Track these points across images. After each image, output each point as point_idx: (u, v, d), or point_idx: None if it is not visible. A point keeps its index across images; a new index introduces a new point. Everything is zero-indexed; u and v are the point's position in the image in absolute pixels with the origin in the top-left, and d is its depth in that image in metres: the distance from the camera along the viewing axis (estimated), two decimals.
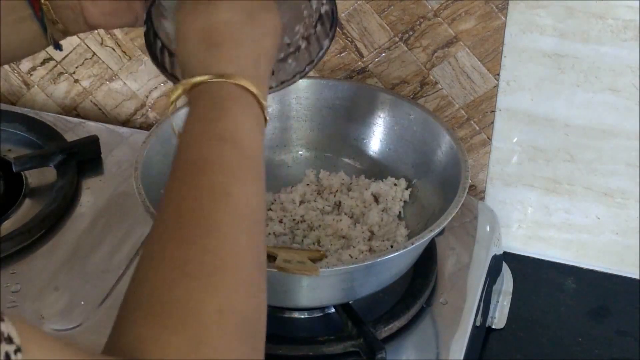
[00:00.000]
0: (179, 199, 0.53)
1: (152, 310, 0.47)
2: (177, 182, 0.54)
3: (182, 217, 0.51)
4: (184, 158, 0.56)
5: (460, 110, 1.04)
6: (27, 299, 0.89)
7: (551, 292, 1.06)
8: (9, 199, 1.02)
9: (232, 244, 0.51)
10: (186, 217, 0.51)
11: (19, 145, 1.10)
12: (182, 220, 0.51)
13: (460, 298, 0.90)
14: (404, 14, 1.00)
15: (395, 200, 0.95)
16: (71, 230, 0.98)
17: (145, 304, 0.47)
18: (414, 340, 0.86)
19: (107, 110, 1.20)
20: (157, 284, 0.48)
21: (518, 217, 1.08)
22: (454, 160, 0.89)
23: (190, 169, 0.55)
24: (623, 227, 1.04)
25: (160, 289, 0.48)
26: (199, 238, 0.50)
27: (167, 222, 0.52)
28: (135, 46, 1.13)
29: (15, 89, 1.22)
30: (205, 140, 0.56)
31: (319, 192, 0.97)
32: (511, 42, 0.98)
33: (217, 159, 0.55)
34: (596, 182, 1.02)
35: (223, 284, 0.48)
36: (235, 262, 0.50)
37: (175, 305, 0.47)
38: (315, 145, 1.02)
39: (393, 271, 0.84)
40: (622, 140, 0.99)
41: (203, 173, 0.54)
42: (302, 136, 1.02)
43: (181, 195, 0.53)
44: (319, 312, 0.88)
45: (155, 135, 0.91)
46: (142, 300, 0.48)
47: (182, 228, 0.51)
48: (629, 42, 0.93)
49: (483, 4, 0.96)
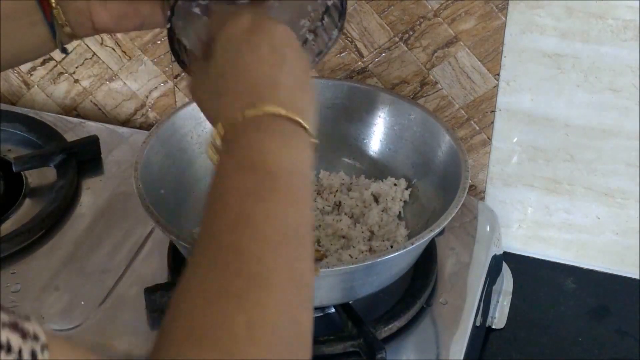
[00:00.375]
0: (211, 229, 0.55)
1: (188, 330, 0.49)
2: (211, 211, 0.55)
3: (212, 244, 0.53)
4: (218, 187, 0.57)
5: (460, 110, 1.04)
6: (27, 299, 0.89)
7: (551, 292, 1.06)
8: (9, 199, 1.02)
9: (259, 265, 0.52)
10: (215, 244, 0.53)
11: (19, 145, 1.10)
12: (212, 246, 0.53)
13: (460, 298, 0.90)
14: (404, 14, 1.00)
15: (395, 200, 0.95)
16: (71, 231, 0.98)
17: (182, 325, 0.49)
18: (414, 340, 0.86)
19: (107, 110, 1.20)
20: (194, 305, 0.50)
21: (518, 217, 1.08)
22: (454, 160, 0.89)
23: (221, 198, 0.56)
24: (623, 227, 1.04)
25: (195, 310, 0.50)
26: (230, 263, 0.52)
27: (201, 248, 0.54)
28: (135, 46, 1.13)
29: (15, 89, 1.22)
30: (240, 170, 0.57)
31: (319, 192, 0.97)
32: (511, 42, 0.98)
33: (242, 186, 0.56)
34: (596, 182, 1.02)
35: (251, 301, 0.50)
36: (261, 281, 0.51)
37: (208, 324, 0.49)
38: None
39: (393, 271, 0.84)
40: (622, 140, 0.99)
41: (232, 200, 0.55)
42: None
43: (213, 224, 0.55)
44: (319, 312, 0.88)
45: (155, 136, 0.91)
46: (180, 321, 0.50)
47: (212, 254, 0.53)
48: (629, 42, 0.93)
49: (483, 4, 0.96)
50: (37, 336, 0.42)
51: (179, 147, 0.94)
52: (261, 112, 0.58)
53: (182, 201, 0.92)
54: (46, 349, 0.42)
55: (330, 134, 1.01)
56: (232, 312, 0.49)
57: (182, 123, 0.94)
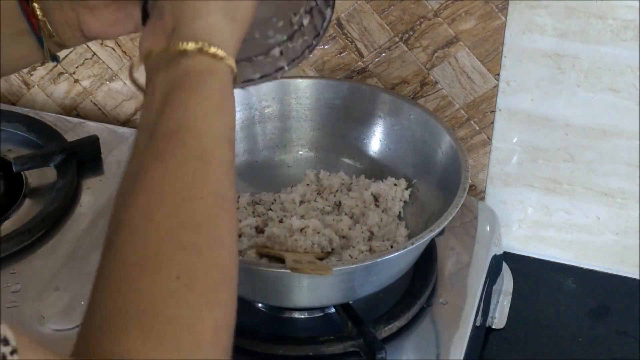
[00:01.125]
0: (172, 185, 0.52)
1: (149, 323, 0.46)
2: (159, 157, 0.53)
3: (182, 219, 0.50)
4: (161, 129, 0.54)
5: (460, 110, 1.04)
6: (27, 299, 0.89)
7: (551, 292, 1.06)
8: (9, 199, 1.02)
9: (233, 257, 0.50)
10: (187, 221, 0.50)
11: (19, 145, 1.10)
12: (184, 223, 0.50)
13: (460, 298, 0.90)
14: (404, 14, 1.00)
15: (395, 201, 0.95)
16: (71, 230, 0.98)
17: (141, 316, 0.46)
18: (414, 341, 0.86)
19: (107, 110, 1.20)
20: (157, 294, 0.47)
21: (518, 217, 1.08)
22: (454, 160, 0.89)
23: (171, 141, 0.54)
24: (623, 227, 1.04)
25: (161, 302, 0.47)
26: (206, 249, 0.49)
27: (159, 215, 0.50)
28: (135, 46, 1.13)
29: (15, 89, 1.22)
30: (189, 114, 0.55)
31: (319, 192, 0.97)
32: (511, 42, 0.98)
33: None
34: (596, 182, 1.02)
35: (221, 300, 0.48)
36: (233, 276, 0.50)
37: (175, 321, 0.46)
38: (315, 145, 1.02)
39: (393, 271, 0.84)
40: (622, 140, 0.99)
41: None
42: (302, 136, 1.02)
43: (176, 183, 0.52)
44: (319, 312, 0.88)
45: None
46: (139, 310, 0.47)
47: (183, 233, 0.50)
48: (629, 42, 0.93)
49: (483, 4, 0.96)
50: (7, 340, 0.40)
51: None
52: (175, 50, 0.56)
53: None
54: (16, 353, 0.41)
55: (330, 134, 1.01)
56: (203, 313, 0.47)
57: None
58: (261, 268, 0.80)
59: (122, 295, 0.48)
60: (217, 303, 0.48)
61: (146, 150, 0.53)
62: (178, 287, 0.47)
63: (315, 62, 1.07)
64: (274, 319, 0.88)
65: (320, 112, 1.01)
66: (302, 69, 1.07)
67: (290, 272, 0.76)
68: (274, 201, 0.96)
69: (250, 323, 0.86)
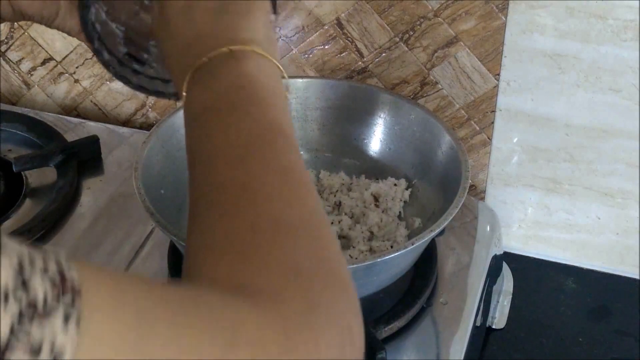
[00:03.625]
0: (206, 152, 0.54)
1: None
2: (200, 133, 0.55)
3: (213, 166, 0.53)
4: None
5: (460, 111, 1.04)
6: None
7: (551, 292, 1.06)
8: (9, 199, 1.02)
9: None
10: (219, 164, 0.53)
11: (19, 145, 1.10)
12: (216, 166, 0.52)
13: (460, 298, 0.90)
14: (404, 14, 1.00)
15: (395, 201, 0.95)
16: (71, 231, 0.98)
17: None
18: (414, 341, 0.86)
19: (107, 111, 1.20)
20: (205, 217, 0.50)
21: (518, 217, 1.08)
22: (454, 161, 0.89)
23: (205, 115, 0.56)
24: (623, 227, 1.04)
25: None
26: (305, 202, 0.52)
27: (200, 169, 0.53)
28: None
29: (15, 89, 1.22)
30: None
31: (319, 192, 0.97)
32: (511, 42, 0.98)
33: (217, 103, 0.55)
34: (596, 182, 1.02)
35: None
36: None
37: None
38: (315, 145, 1.02)
39: (393, 271, 0.84)
40: (622, 140, 0.99)
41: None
42: (302, 136, 1.02)
43: (208, 147, 0.54)
44: None
45: (156, 136, 0.91)
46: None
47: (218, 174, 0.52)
48: (629, 42, 0.93)
49: (483, 4, 0.96)
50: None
51: (179, 147, 0.94)
52: (235, 48, 0.57)
53: (182, 201, 0.92)
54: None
55: (331, 134, 1.01)
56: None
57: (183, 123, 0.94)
58: None
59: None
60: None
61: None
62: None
63: (315, 62, 1.07)
64: None
65: (320, 112, 1.01)
66: (302, 69, 1.07)
67: None
68: None
69: None
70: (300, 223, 0.49)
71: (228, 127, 0.54)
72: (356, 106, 0.99)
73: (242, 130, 0.53)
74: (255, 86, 0.56)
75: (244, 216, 0.49)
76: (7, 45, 1.18)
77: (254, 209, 0.49)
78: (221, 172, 0.52)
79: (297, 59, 1.07)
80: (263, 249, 0.47)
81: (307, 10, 1.03)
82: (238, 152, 0.52)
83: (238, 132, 0.53)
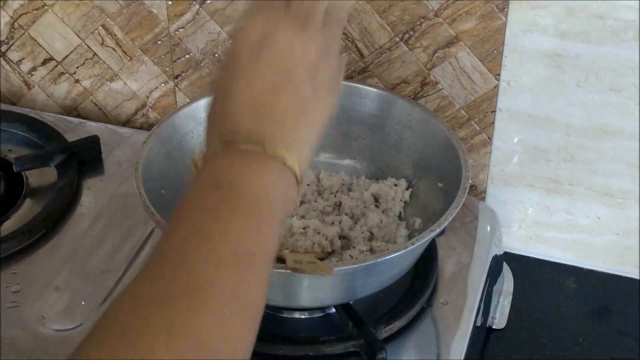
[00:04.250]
0: (166, 241, 0.53)
1: (109, 331, 0.48)
2: (171, 223, 0.54)
3: (162, 254, 0.52)
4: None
5: (460, 111, 1.04)
6: (27, 299, 0.89)
7: (552, 292, 1.06)
8: (10, 199, 1.02)
9: (197, 278, 0.51)
10: (164, 255, 0.52)
11: (19, 146, 1.10)
12: (161, 256, 0.52)
13: (460, 298, 0.90)
14: (405, 14, 1.00)
15: (395, 201, 0.95)
16: (72, 231, 0.98)
17: (105, 324, 0.49)
18: (414, 341, 0.86)
19: (107, 111, 1.20)
20: (122, 306, 0.50)
21: (519, 217, 1.08)
22: (454, 161, 0.89)
23: (182, 212, 0.55)
24: (623, 227, 1.04)
25: (121, 312, 0.49)
26: (170, 272, 0.51)
27: (152, 257, 0.53)
28: (135, 46, 1.13)
29: (15, 89, 1.22)
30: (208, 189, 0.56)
31: (319, 192, 0.97)
32: (512, 42, 0.98)
33: (203, 202, 0.55)
34: (597, 182, 1.02)
35: (178, 311, 0.49)
36: (195, 294, 0.50)
37: (130, 327, 0.48)
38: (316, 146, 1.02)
39: (394, 271, 0.84)
40: (622, 140, 0.99)
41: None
42: None
43: (170, 236, 0.54)
44: (319, 312, 0.88)
45: (156, 136, 0.91)
46: (105, 321, 0.49)
47: (158, 263, 0.52)
48: (630, 42, 0.93)
49: (483, 4, 0.96)
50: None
51: (180, 147, 0.94)
52: (238, 148, 0.57)
53: None
54: None
55: (331, 134, 1.01)
56: (155, 317, 0.48)
57: (183, 123, 0.94)
58: None
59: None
60: (174, 311, 0.49)
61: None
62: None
63: None
64: (274, 319, 0.88)
65: None
66: None
67: (290, 273, 0.76)
68: None
69: None
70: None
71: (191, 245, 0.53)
72: (356, 106, 0.99)
73: (201, 254, 0.52)
74: (248, 196, 0.55)
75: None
76: (8, 45, 1.18)
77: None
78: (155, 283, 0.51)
79: None
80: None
81: None
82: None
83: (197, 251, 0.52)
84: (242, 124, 0.59)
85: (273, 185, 0.57)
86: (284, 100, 0.59)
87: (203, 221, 0.53)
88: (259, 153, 0.57)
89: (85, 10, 1.13)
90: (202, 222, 0.53)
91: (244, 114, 0.59)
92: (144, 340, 0.47)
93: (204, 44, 1.09)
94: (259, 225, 0.55)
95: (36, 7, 1.15)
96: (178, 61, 1.12)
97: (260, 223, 0.55)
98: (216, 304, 0.50)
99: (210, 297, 0.50)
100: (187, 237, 0.53)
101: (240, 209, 0.54)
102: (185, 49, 1.10)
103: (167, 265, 0.51)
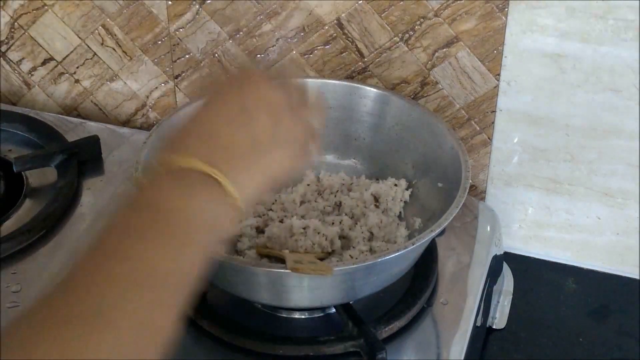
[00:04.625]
0: (83, 258, 0.54)
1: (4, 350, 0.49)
2: (93, 241, 0.55)
3: (73, 272, 0.53)
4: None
5: (460, 111, 1.04)
6: (27, 299, 0.89)
7: (552, 292, 1.06)
8: (10, 199, 1.02)
9: (101, 301, 0.51)
10: (75, 272, 0.53)
11: (19, 146, 1.10)
12: (72, 274, 0.53)
13: (460, 298, 0.90)
14: (405, 14, 1.00)
15: (395, 201, 0.95)
16: (72, 231, 0.98)
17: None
18: (414, 341, 0.86)
19: (107, 111, 1.20)
20: (20, 325, 0.51)
21: (519, 217, 1.08)
22: (454, 161, 0.89)
23: (105, 230, 0.56)
24: (623, 227, 1.04)
25: (20, 330, 0.51)
26: (74, 292, 0.52)
27: (66, 273, 0.53)
28: (135, 46, 1.13)
29: (15, 89, 1.22)
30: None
31: (319, 192, 0.97)
32: (512, 42, 0.98)
33: (126, 221, 0.55)
34: (597, 182, 1.02)
35: (74, 333, 0.49)
36: (96, 318, 0.50)
37: (25, 347, 0.49)
38: None
39: (394, 271, 0.84)
40: (622, 140, 0.99)
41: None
42: None
43: (87, 254, 0.55)
44: (319, 312, 0.88)
45: (156, 136, 0.91)
46: (3, 339, 0.50)
47: (67, 281, 0.53)
48: (630, 42, 0.93)
49: (483, 4, 0.96)
50: None
51: None
52: (176, 165, 0.58)
53: None
54: None
55: (331, 134, 1.01)
56: (49, 340, 0.48)
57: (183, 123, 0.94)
58: (262, 268, 0.80)
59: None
60: (70, 334, 0.49)
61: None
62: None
63: (315, 62, 1.07)
64: (274, 319, 0.88)
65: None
66: (302, 68, 1.07)
67: (290, 273, 0.76)
68: (274, 201, 0.96)
69: (250, 323, 0.86)
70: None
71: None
72: (356, 106, 0.99)
73: (117, 274, 0.52)
74: (173, 218, 0.55)
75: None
76: (8, 45, 1.18)
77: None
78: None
79: (298, 59, 1.07)
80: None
81: (307, 10, 1.03)
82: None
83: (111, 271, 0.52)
84: (188, 144, 0.60)
85: (203, 209, 0.57)
86: (238, 133, 0.62)
87: (122, 241, 0.54)
88: (195, 174, 0.58)
89: (85, 10, 1.13)
90: (124, 242, 0.53)
91: (192, 136, 0.61)
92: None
93: (204, 44, 1.09)
94: (181, 249, 0.55)
95: (36, 7, 1.15)
96: (178, 61, 1.12)
97: (183, 247, 0.55)
98: (115, 329, 0.49)
99: (112, 321, 0.49)
100: (104, 257, 0.53)
101: (163, 231, 0.55)
102: (185, 49, 1.10)
103: (73, 284, 0.51)
